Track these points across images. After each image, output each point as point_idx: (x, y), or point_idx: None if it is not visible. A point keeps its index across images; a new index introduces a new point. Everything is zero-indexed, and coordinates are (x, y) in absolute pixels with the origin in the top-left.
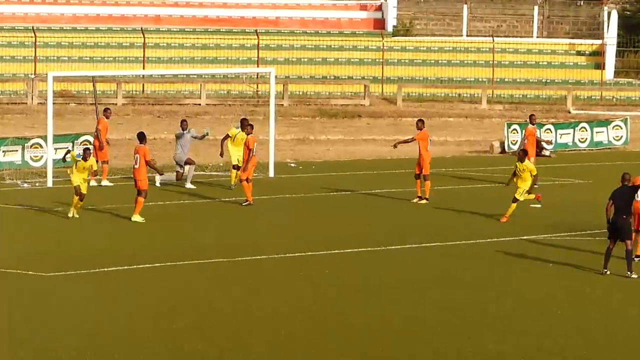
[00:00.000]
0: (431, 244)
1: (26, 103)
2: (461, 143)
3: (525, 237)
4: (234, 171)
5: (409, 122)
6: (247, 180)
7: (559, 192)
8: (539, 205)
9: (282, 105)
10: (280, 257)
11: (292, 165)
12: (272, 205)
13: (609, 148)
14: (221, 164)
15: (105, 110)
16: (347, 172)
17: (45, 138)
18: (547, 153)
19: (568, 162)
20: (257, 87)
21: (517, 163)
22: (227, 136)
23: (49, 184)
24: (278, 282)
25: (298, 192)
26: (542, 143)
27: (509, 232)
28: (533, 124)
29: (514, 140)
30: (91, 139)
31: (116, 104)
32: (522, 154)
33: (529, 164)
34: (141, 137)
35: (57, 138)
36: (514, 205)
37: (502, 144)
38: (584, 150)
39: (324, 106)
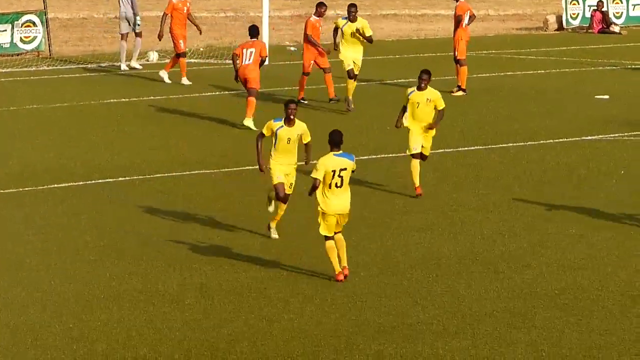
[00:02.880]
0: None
1: None
2: (507, 18)
3: (589, 138)
4: (351, 81)
5: None
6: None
7: (631, 79)
8: (607, 97)
9: None
10: None
11: (292, 49)
12: (270, 100)
13: None
14: (202, 49)
15: None
16: (364, 57)
17: None
18: (616, 29)
19: None
20: None
21: None
22: (336, 29)
23: None
24: None
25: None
26: (610, 16)
27: (569, 132)
28: None
29: (574, 14)
30: (36, 19)
31: None
32: None
33: None
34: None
35: None
36: None
37: (559, 18)
38: None
39: None
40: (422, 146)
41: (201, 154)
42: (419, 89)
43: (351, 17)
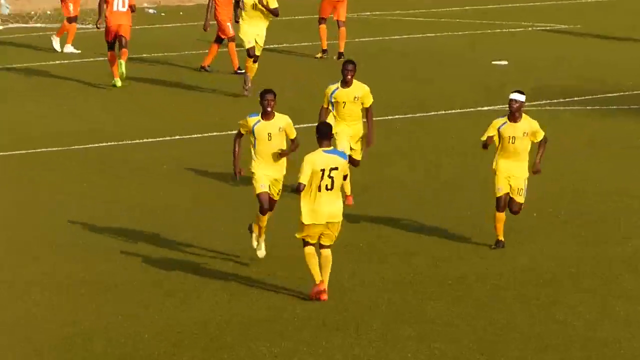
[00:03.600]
0: None
1: None
2: None
3: (486, 108)
4: (251, 61)
5: None
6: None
7: (531, 42)
8: (505, 63)
9: None
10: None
11: (151, 11)
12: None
13: None
14: (49, 12)
15: None
16: None
17: None
18: None
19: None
20: None
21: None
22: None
23: None
24: None
25: (160, 50)
26: None
27: (464, 102)
28: None
29: None
30: None
31: None
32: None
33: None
34: None
35: None
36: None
37: None
38: None
39: None
40: (351, 148)
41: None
42: (345, 84)
43: None
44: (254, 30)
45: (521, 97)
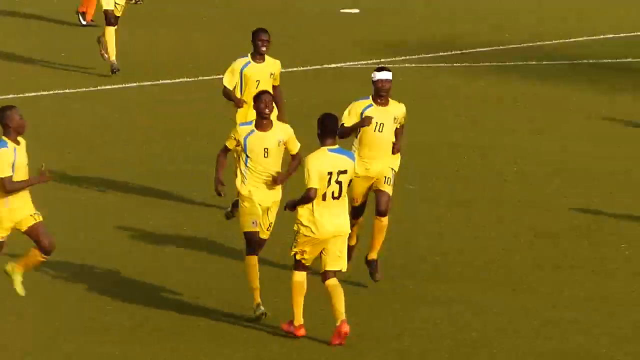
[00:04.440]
0: None
1: None
2: None
3: (334, 65)
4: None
5: None
6: None
7: None
8: (356, 11)
9: None
10: None
11: None
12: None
13: None
14: None
15: None
16: None
17: None
18: None
19: None
20: None
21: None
22: None
23: None
24: None
25: None
26: None
27: (309, 58)
28: None
29: None
30: None
31: None
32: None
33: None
34: None
35: None
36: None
37: None
38: None
39: None
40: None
41: None
42: (258, 58)
43: None
44: None
45: (390, 76)
